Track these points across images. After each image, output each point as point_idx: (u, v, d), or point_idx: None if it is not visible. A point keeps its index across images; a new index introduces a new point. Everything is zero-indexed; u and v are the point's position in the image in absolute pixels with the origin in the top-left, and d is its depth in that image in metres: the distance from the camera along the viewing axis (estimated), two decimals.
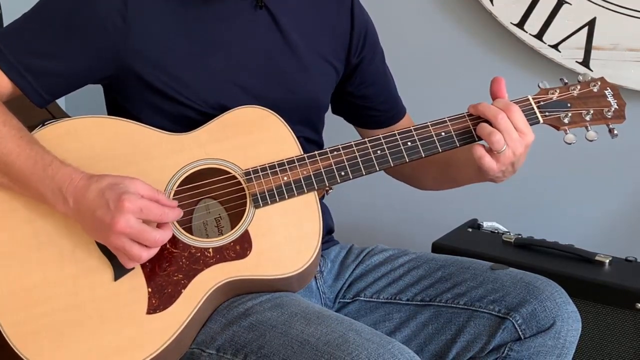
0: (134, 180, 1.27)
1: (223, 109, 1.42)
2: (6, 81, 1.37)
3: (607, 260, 2.01)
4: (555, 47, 2.30)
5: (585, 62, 2.26)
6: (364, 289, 1.54)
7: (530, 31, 2.31)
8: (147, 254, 1.27)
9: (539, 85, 1.47)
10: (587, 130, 1.44)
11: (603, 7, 2.22)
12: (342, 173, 1.40)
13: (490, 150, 1.38)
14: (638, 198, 2.31)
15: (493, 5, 2.34)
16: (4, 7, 2.25)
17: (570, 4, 2.26)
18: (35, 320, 1.29)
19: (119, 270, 1.31)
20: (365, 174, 1.41)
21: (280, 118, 1.42)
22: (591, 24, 2.25)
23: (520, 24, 2.32)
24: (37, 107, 1.41)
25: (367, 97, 1.64)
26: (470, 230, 2.22)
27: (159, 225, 1.28)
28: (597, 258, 2.02)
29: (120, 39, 1.37)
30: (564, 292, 1.46)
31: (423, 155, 1.41)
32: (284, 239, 1.36)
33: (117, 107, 1.48)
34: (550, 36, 2.29)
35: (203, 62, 1.42)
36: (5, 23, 2.24)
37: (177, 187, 1.37)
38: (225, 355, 1.33)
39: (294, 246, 1.36)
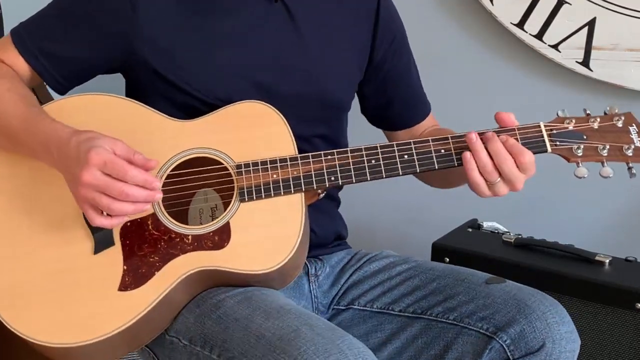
0: (115, 140, 1.28)
1: (231, 101, 1.42)
2: (24, 65, 1.44)
3: (607, 260, 2.01)
4: (555, 47, 2.30)
5: (585, 62, 2.26)
6: (358, 297, 1.52)
7: (530, 31, 2.31)
8: (117, 206, 1.26)
9: (557, 113, 1.40)
10: (603, 166, 1.38)
11: (603, 7, 2.22)
12: (332, 178, 1.38)
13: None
14: (638, 198, 2.31)
15: (493, 5, 2.34)
16: (4, 7, 2.25)
17: (570, 4, 2.26)
18: (15, 281, 1.34)
19: (100, 244, 1.34)
20: (355, 182, 1.39)
21: (282, 116, 1.41)
22: (591, 24, 2.25)
23: (520, 24, 2.32)
24: (57, 93, 1.48)
25: (385, 96, 1.61)
26: (470, 230, 2.22)
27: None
28: (597, 258, 2.02)
29: (130, 28, 1.40)
30: (561, 310, 1.39)
31: (417, 171, 1.38)
32: (262, 236, 1.36)
33: (130, 92, 1.52)
34: (550, 36, 2.30)
35: (212, 54, 1.43)
36: (6, 23, 2.24)
37: (171, 172, 1.38)
38: (195, 347, 1.34)
39: (270, 245, 1.36)
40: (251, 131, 1.40)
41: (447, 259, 2.11)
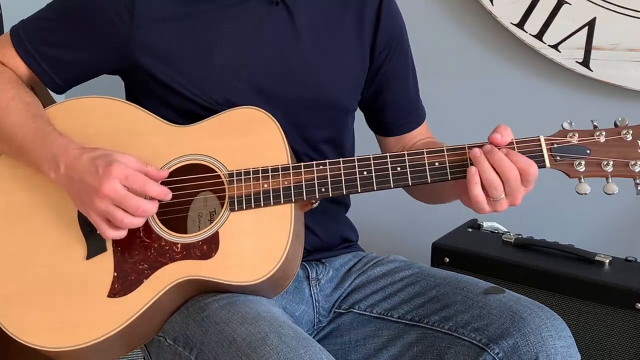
0: (125, 154, 1.32)
1: (230, 105, 1.41)
2: (24, 67, 1.46)
3: (607, 260, 2.01)
4: (555, 47, 2.29)
5: (585, 62, 2.26)
6: (359, 301, 1.51)
7: (530, 31, 2.31)
8: (129, 220, 1.30)
9: (562, 125, 1.33)
10: (607, 182, 1.32)
11: (603, 7, 2.22)
12: (323, 189, 1.36)
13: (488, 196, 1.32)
14: (638, 198, 2.31)
15: (493, 5, 2.34)
16: (3, 6, 2.25)
17: (570, 4, 2.26)
18: (10, 283, 1.36)
19: (93, 250, 1.36)
20: (346, 194, 1.37)
21: (277, 123, 1.39)
22: (591, 24, 2.25)
23: (520, 24, 2.32)
24: (56, 93, 1.50)
25: (379, 99, 1.59)
26: (470, 230, 2.22)
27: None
28: (597, 258, 2.02)
29: (128, 33, 1.40)
30: (558, 324, 1.34)
31: (410, 184, 1.34)
32: (250, 247, 1.35)
33: (129, 94, 1.53)
34: (550, 36, 2.29)
35: (210, 58, 1.42)
36: (6, 23, 2.24)
37: (166, 178, 1.38)
38: (178, 347, 1.35)
39: (257, 256, 1.34)
40: (246, 138, 1.39)
41: (447, 259, 2.11)
